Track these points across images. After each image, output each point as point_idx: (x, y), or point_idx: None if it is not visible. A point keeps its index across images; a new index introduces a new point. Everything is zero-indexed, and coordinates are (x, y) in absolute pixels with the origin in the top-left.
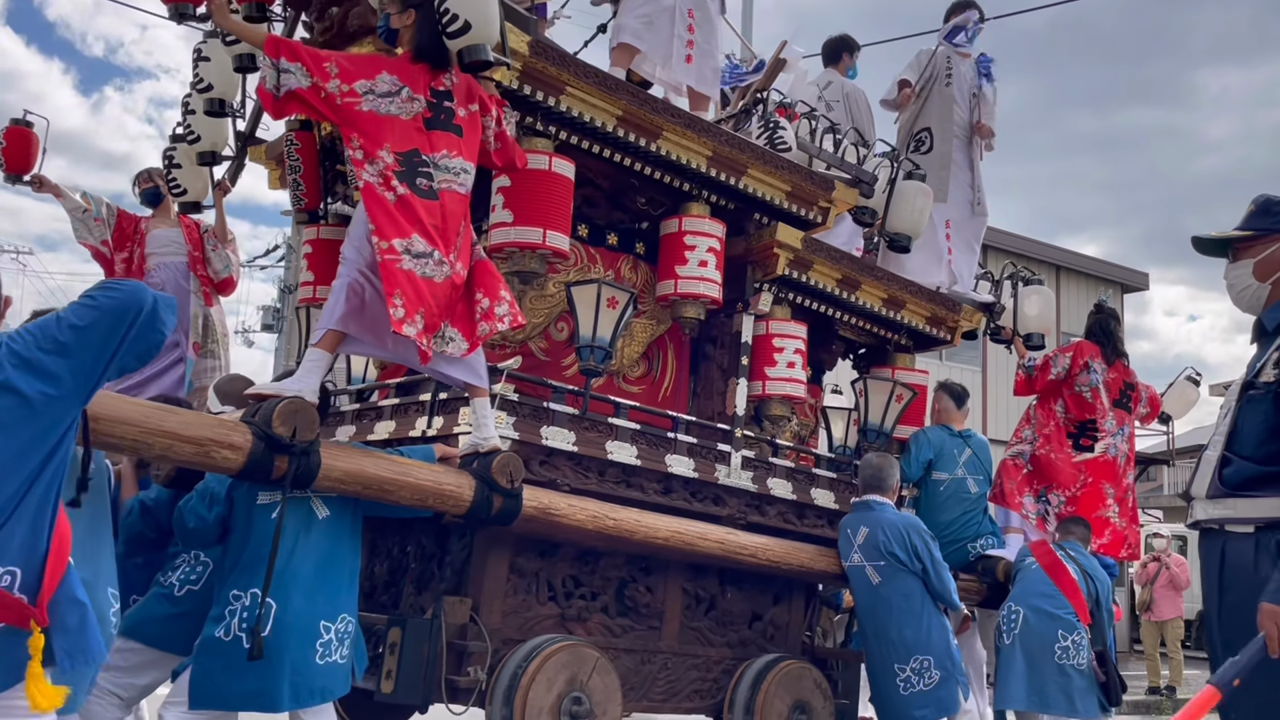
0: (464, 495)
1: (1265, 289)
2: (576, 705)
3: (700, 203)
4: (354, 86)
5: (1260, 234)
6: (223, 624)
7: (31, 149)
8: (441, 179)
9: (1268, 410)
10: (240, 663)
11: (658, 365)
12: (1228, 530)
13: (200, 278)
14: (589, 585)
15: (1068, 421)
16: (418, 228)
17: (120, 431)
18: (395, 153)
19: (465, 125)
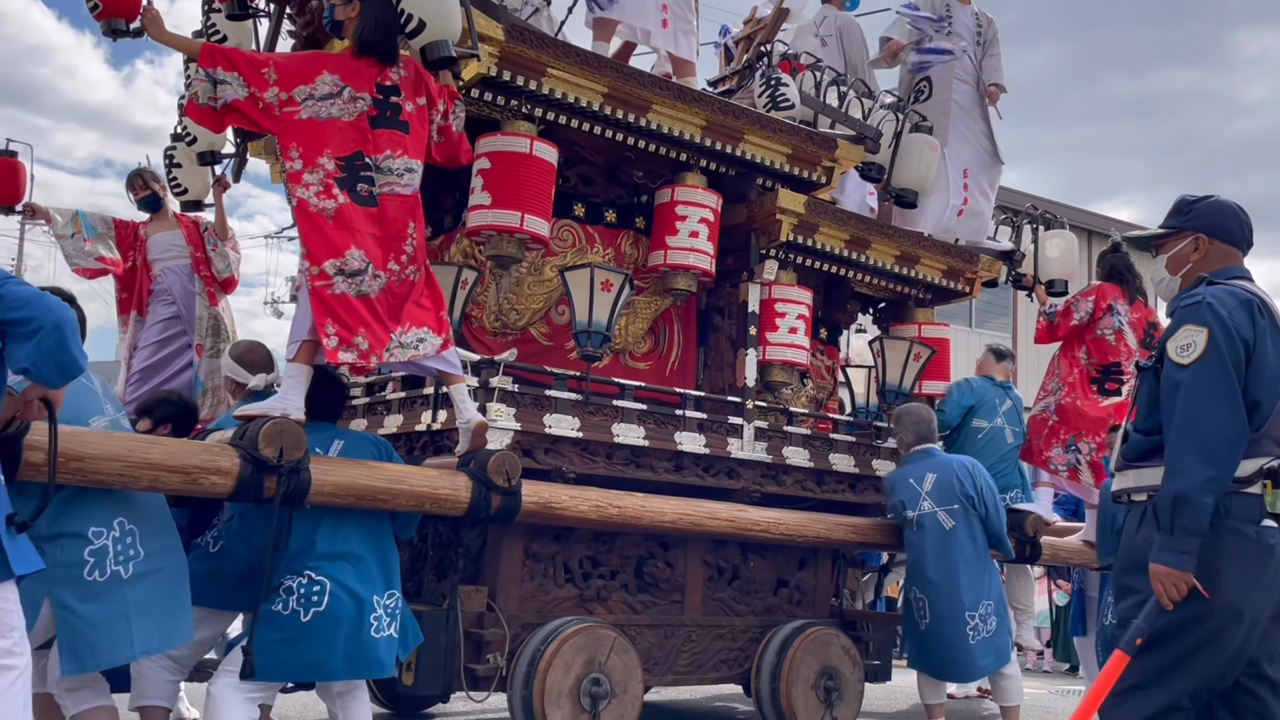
0: (461, 498)
1: (1176, 282)
2: (596, 686)
3: (696, 172)
4: (292, 94)
5: (1172, 231)
6: (280, 599)
7: (20, 179)
8: (383, 183)
9: (1151, 386)
10: (299, 635)
11: (664, 340)
12: (1133, 500)
13: (204, 278)
14: (607, 564)
15: (1090, 367)
16: (355, 239)
17: (105, 469)
18: (336, 158)
19: (413, 121)
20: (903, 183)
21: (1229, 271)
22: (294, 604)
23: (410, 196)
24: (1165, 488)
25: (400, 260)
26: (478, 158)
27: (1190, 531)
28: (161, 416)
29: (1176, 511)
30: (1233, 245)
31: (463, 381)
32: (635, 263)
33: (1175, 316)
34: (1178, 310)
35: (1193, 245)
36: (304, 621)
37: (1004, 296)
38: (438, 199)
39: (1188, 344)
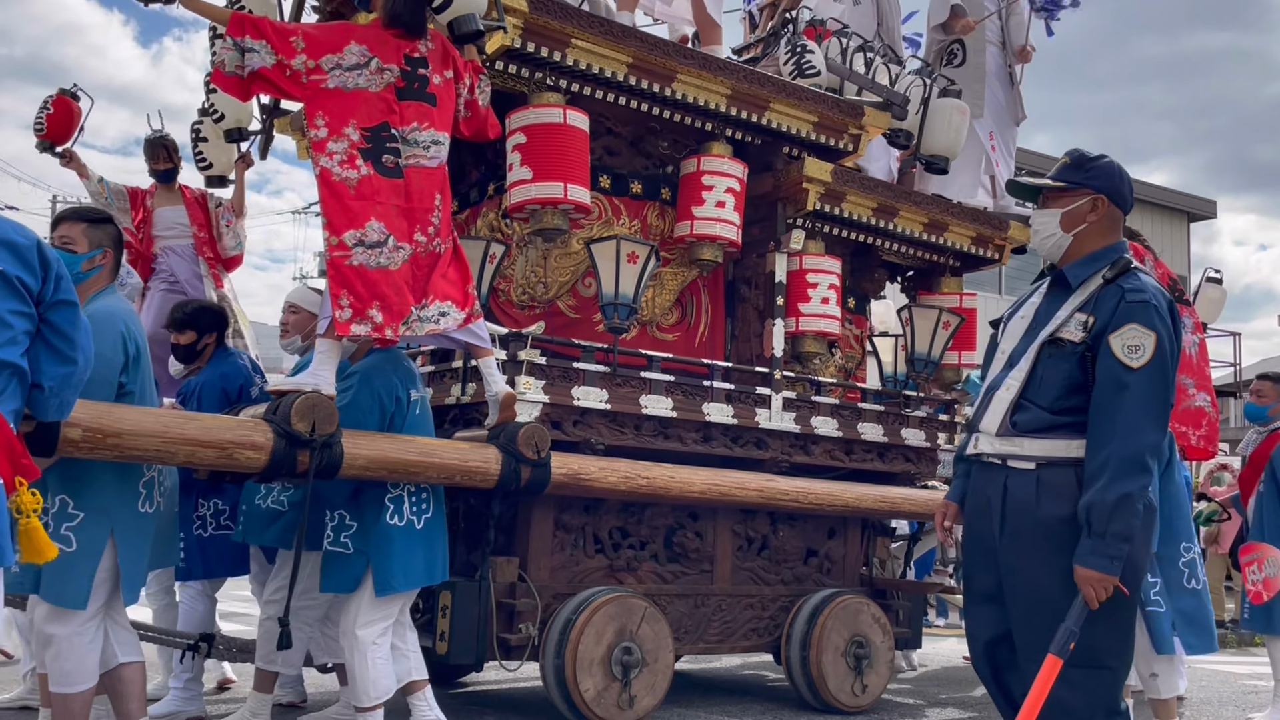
0: (491, 470)
1: (1068, 239)
2: (627, 655)
3: (721, 142)
4: (320, 62)
5: (1071, 186)
6: (393, 510)
7: (73, 121)
8: (409, 154)
9: (1071, 368)
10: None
11: (692, 311)
12: (1009, 465)
13: (207, 260)
14: (636, 535)
15: None
16: (376, 211)
17: (142, 444)
18: (362, 129)
19: (440, 94)
20: (932, 149)
21: (1123, 245)
22: (408, 513)
23: (437, 169)
24: (1104, 493)
25: (427, 232)
26: (512, 133)
27: (1124, 537)
28: (205, 327)
29: (1114, 517)
30: (1123, 211)
31: (491, 354)
32: (661, 234)
33: (1120, 310)
34: (1123, 304)
35: (1090, 205)
36: (419, 529)
37: (1034, 264)
38: (463, 173)
39: (1137, 346)
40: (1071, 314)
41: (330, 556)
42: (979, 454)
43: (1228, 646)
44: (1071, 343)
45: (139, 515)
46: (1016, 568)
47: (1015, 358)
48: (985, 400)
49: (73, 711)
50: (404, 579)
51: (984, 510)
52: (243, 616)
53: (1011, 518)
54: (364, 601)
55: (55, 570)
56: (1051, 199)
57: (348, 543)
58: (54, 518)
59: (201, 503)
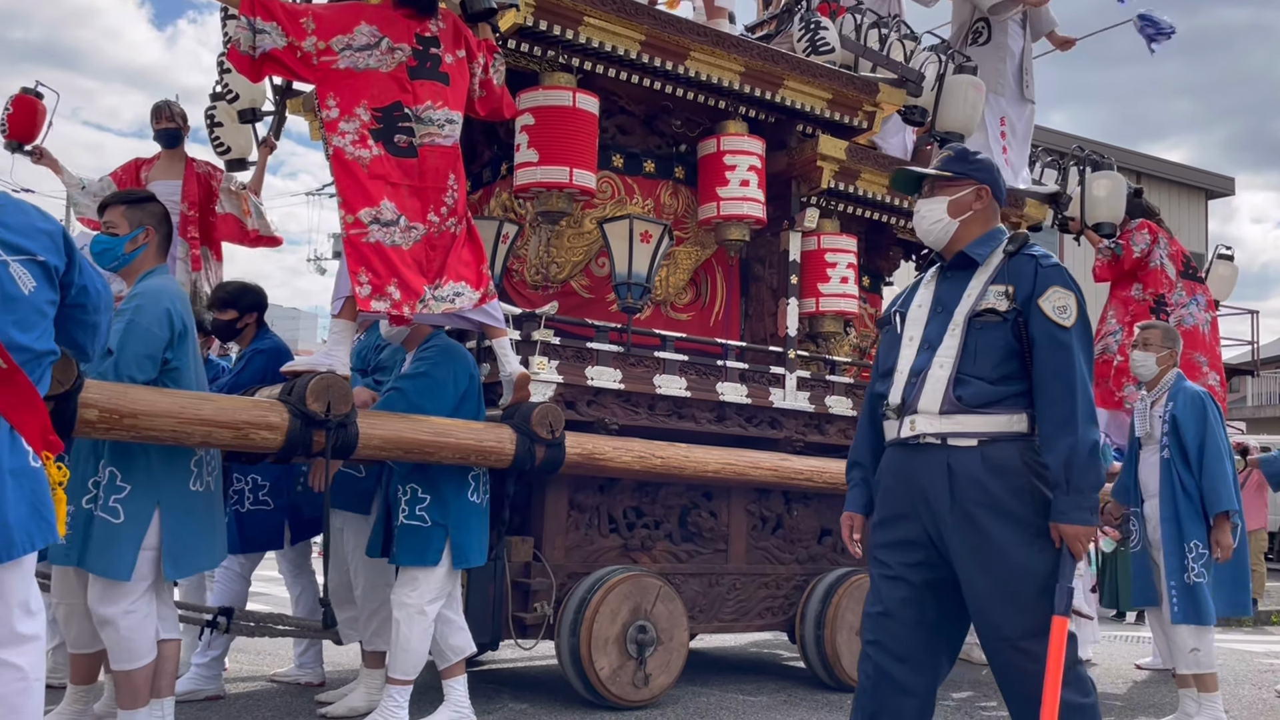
0: (506, 450)
1: (955, 225)
2: (642, 633)
3: (737, 120)
4: (330, 43)
5: (956, 176)
6: (472, 486)
7: (37, 119)
8: (423, 133)
9: (1006, 336)
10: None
11: (706, 290)
12: (950, 445)
13: (190, 239)
14: (651, 515)
15: (1147, 298)
16: (389, 192)
17: (158, 425)
18: (373, 109)
19: (452, 72)
20: (947, 125)
21: (1004, 230)
22: (481, 492)
23: (451, 148)
24: (1076, 448)
25: (440, 212)
26: (520, 113)
27: (1095, 487)
28: (247, 306)
29: (1088, 470)
30: (1000, 203)
31: (505, 335)
32: (675, 213)
33: (1040, 276)
34: (1040, 270)
35: (974, 194)
36: (484, 509)
37: (1051, 243)
38: (476, 153)
39: (1064, 306)
40: (985, 288)
41: (407, 530)
42: (916, 435)
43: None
44: (1000, 312)
45: (188, 493)
46: (975, 547)
47: (932, 340)
48: (912, 383)
49: (136, 686)
50: (479, 553)
51: (918, 495)
52: (265, 596)
53: (961, 498)
54: (438, 576)
55: (102, 541)
56: (939, 188)
57: (424, 516)
58: (104, 489)
59: (238, 478)
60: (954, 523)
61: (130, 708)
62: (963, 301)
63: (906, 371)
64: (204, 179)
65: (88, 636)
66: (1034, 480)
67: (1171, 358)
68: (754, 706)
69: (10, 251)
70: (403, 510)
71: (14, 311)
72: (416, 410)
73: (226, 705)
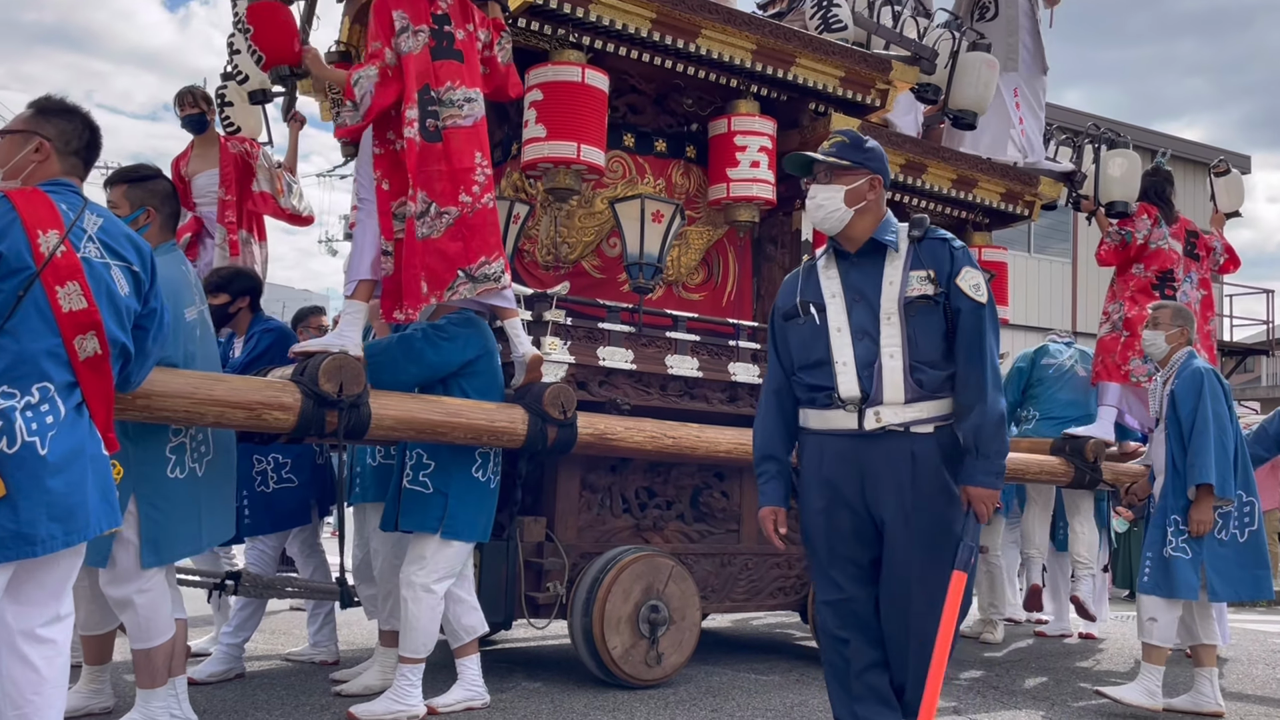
0: (518, 430)
1: (850, 214)
2: (654, 613)
3: (749, 99)
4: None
5: (853, 165)
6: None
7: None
8: (446, 116)
9: (939, 319)
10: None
11: (718, 270)
12: (913, 432)
13: (227, 225)
14: (663, 495)
15: (1153, 274)
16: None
17: (172, 405)
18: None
19: (465, 49)
20: (961, 104)
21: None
22: (490, 471)
23: (472, 128)
24: (985, 416)
25: (472, 192)
26: (529, 89)
27: (1001, 454)
28: (238, 290)
29: (995, 436)
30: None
31: (517, 315)
32: (686, 193)
33: (955, 257)
34: (954, 252)
35: (868, 184)
36: (492, 489)
37: (1064, 222)
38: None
39: (977, 284)
40: (906, 274)
41: (408, 494)
42: (881, 427)
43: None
44: (931, 296)
45: (166, 480)
46: (926, 528)
47: (866, 329)
48: (866, 375)
49: (155, 664)
50: (470, 530)
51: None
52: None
53: (922, 482)
54: (445, 554)
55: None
56: (836, 175)
57: (427, 481)
58: None
59: (259, 459)
60: (913, 505)
61: (149, 687)
62: (885, 289)
63: (851, 363)
64: (240, 159)
65: (97, 618)
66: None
67: (1182, 335)
68: (766, 685)
69: (113, 257)
70: (407, 475)
71: (114, 307)
72: (417, 355)
73: (242, 684)
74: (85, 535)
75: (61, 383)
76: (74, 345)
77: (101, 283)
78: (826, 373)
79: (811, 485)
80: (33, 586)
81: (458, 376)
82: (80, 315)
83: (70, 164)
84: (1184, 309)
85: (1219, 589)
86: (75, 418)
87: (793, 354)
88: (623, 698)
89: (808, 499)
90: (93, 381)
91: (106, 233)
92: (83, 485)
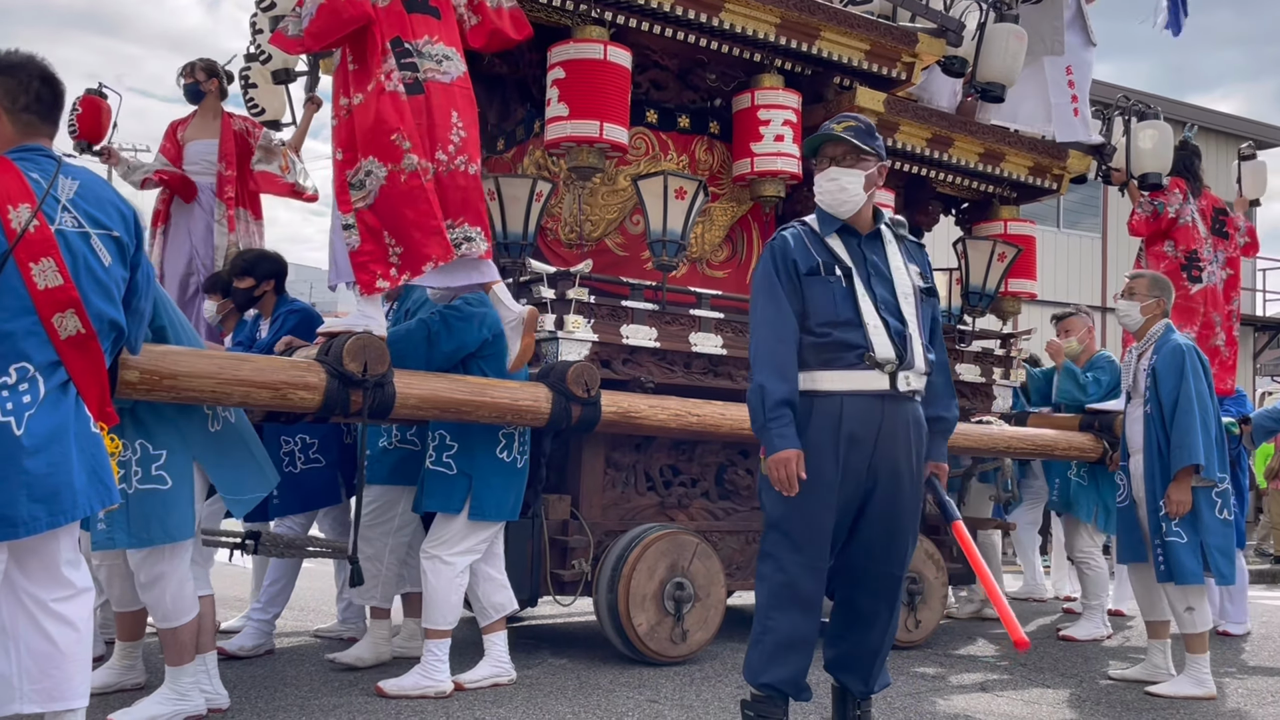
0: (541, 409)
1: (865, 198)
2: (679, 590)
3: (772, 73)
4: None
5: (869, 152)
6: (507, 448)
7: (103, 119)
8: (426, 69)
9: (927, 310)
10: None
11: (743, 247)
12: (915, 400)
13: (226, 200)
14: (688, 472)
15: (1179, 255)
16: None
17: (198, 385)
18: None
19: (440, 6)
20: (988, 76)
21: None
22: (515, 451)
23: (451, 85)
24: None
25: (447, 150)
26: (551, 67)
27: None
28: (264, 274)
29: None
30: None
31: (499, 282)
32: (710, 169)
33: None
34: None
35: (879, 172)
36: (519, 469)
37: (1094, 197)
38: (509, 111)
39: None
40: (907, 265)
41: (432, 475)
42: (911, 391)
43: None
44: (927, 290)
45: (210, 435)
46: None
47: (888, 302)
48: (899, 341)
49: (182, 641)
50: (497, 510)
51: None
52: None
53: (920, 447)
54: (459, 527)
55: (160, 510)
56: (857, 160)
57: (451, 463)
58: (140, 463)
59: (286, 439)
60: (915, 468)
61: (177, 664)
62: (895, 272)
63: (883, 329)
64: (241, 136)
65: (131, 595)
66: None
67: (1158, 307)
68: None
69: (93, 225)
70: (430, 456)
71: (96, 281)
72: (437, 339)
73: (272, 660)
74: (73, 515)
75: (43, 362)
76: (52, 323)
77: (79, 256)
78: (859, 333)
79: (824, 444)
80: (35, 563)
81: (476, 357)
82: (56, 292)
83: (25, 122)
84: (1161, 278)
85: (1225, 571)
86: (59, 397)
87: (812, 310)
88: (648, 674)
89: (817, 458)
90: (78, 360)
91: (83, 198)
92: (66, 465)
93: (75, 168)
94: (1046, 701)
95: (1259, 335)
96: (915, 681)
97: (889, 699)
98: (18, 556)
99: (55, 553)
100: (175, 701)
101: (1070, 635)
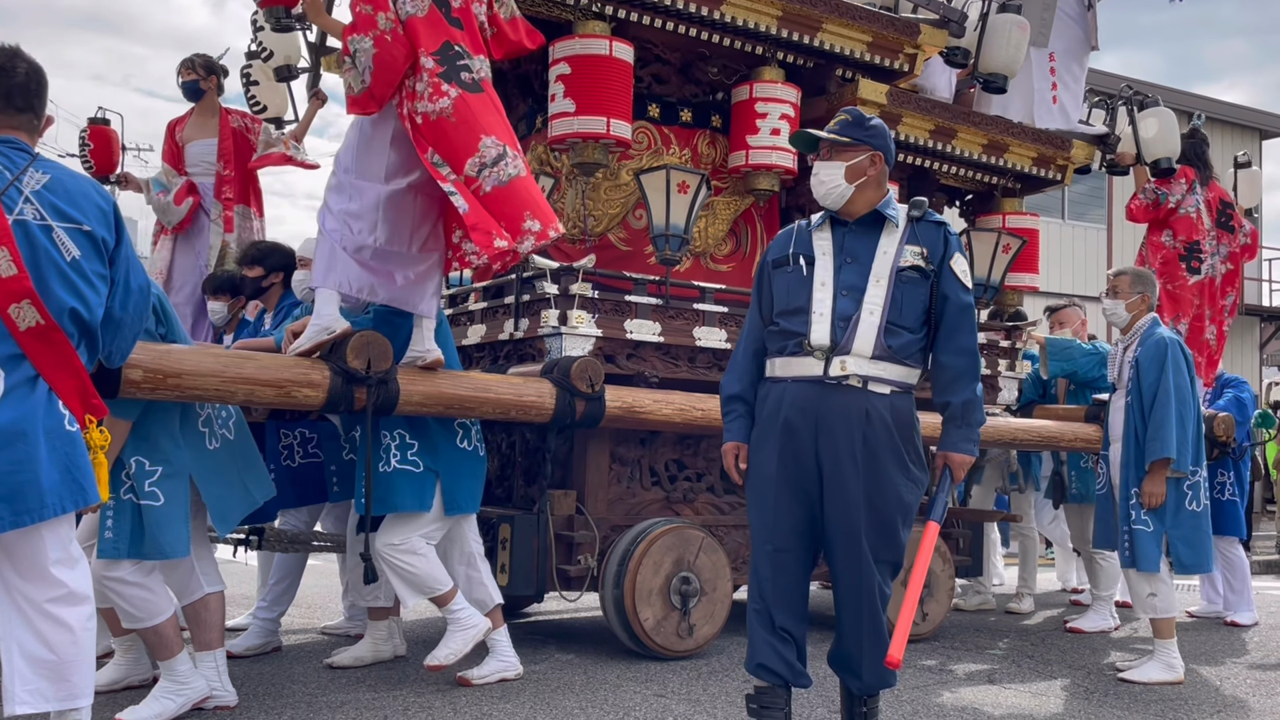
0: (546, 404)
1: (850, 189)
2: (685, 584)
3: (773, 66)
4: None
5: (854, 142)
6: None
7: (114, 147)
8: (478, 69)
9: (925, 293)
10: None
11: (746, 241)
12: (870, 390)
13: (224, 201)
14: (693, 467)
15: (1178, 245)
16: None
17: (202, 384)
18: (431, 54)
19: (463, 17)
20: (991, 67)
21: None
22: (474, 440)
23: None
24: (971, 390)
25: (516, 147)
26: (555, 62)
27: (980, 424)
28: (274, 265)
29: (978, 409)
30: (890, 168)
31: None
32: (713, 163)
33: (949, 242)
34: (948, 237)
35: (870, 160)
36: (480, 456)
37: (1099, 188)
38: (510, 106)
39: (965, 271)
40: (901, 247)
41: (401, 475)
42: (845, 375)
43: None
44: (922, 269)
45: (208, 453)
46: (870, 484)
47: (853, 287)
48: (841, 326)
49: (164, 635)
50: (470, 501)
51: (823, 429)
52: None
53: (871, 439)
54: (424, 522)
55: (153, 527)
56: (836, 152)
57: (417, 460)
58: (136, 478)
59: (284, 433)
60: (861, 460)
61: (167, 658)
62: (879, 257)
63: (828, 314)
64: (240, 134)
65: None
66: (916, 431)
67: (1143, 302)
68: None
69: (59, 218)
70: (394, 455)
71: (59, 273)
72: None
73: (279, 657)
74: (41, 515)
75: (3, 355)
76: (9, 315)
77: (38, 247)
78: (801, 320)
79: (768, 431)
80: (24, 563)
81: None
82: (10, 283)
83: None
84: (1145, 273)
85: (1186, 560)
86: (25, 393)
87: (774, 301)
88: (655, 669)
89: (761, 444)
90: (43, 353)
91: (53, 191)
92: (32, 463)
93: (52, 163)
94: (1054, 693)
95: (1265, 325)
96: (922, 674)
97: (896, 692)
98: (8, 556)
99: (40, 552)
100: (178, 692)
101: (1077, 627)
